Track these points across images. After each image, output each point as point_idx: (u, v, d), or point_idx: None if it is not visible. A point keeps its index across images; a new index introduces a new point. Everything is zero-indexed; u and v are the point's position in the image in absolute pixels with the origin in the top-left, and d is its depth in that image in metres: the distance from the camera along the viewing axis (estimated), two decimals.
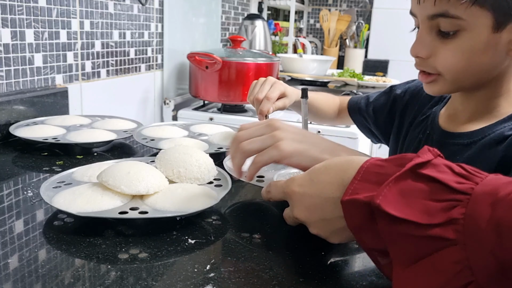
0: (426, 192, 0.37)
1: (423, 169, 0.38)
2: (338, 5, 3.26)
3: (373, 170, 0.41)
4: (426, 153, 0.40)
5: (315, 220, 0.48)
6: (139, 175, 0.59)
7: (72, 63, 1.19)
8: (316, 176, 0.48)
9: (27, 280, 0.44)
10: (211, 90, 1.55)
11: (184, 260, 0.49)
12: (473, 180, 0.37)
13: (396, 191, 0.38)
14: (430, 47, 0.62)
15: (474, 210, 0.34)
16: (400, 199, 0.37)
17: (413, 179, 0.38)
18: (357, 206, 0.40)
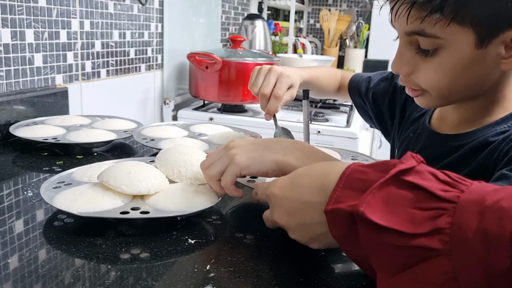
0: (410, 200, 0.36)
1: (406, 175, 0.37)
2: (338, 5, 3.26)
3: (355, 176, 0.40)
4: (409, 159, 0.39)
5: (294, 225, 0.47)
6: (140, 175, 0.59)
7: (72, 63, 1.19)
8: (297, 179, 0.47)
9: (27, 280, 0.44)
10: (211, 90, 1.55)
11: (184, 260, 0.49)
12: (459, 188, 0.36)
13: (380, 198, 0.37)
14: (411, 63, 0.60)
15: (461, 219, 0.33)
16: (384, 207, 0.36)
17: (397, 186, 0.37)
18: (341, 216, 0.39)
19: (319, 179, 0.44)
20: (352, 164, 0.42)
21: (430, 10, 0.54)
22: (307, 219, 0.45)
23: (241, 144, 0.59)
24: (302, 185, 0.46)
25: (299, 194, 0.45)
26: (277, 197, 0.48)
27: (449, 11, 0.53)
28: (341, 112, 1.71)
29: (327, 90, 1.03)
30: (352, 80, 1.00)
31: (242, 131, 1.02)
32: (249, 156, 0.56)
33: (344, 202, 0.39)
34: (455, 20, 0.54)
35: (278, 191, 0.48)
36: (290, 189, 0.47)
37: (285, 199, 0.47)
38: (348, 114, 1.64)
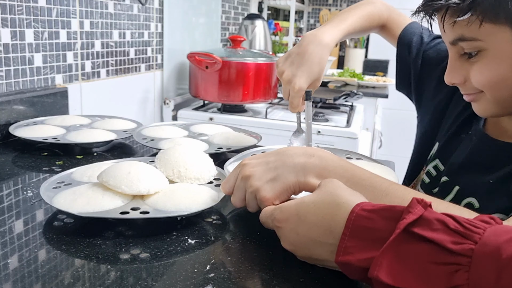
0: (423, 255, 0.36)
1: (415, 227, 0.37)
2: (338, 5, 3.26)
3: (361, 224, 0.40)
4: (416, 206, 0.38)
5: (302, 255, 0.48)
6: (140, 175, 0.59)
7: (72, 63, 1.19)
8: (304, 214, 0.47)
9: (27, 280, 0.44)
10: (211, 90, 1.55)
11: (184, 260, 0.49)
12: (471, 239, 0.35)
13: (391, 256, 0.37)
14: (461, 71, 0.61)
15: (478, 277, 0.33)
16: (397, 266, 0.36)
17: (407, 240, 0.37)
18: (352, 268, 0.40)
19: (326, 218, 0.44)
20: (355, 207, 0.42)
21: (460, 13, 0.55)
22: (315, 254, 0.46)
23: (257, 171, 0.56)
24: (309, 222, 0.46)
25: (306, 231, 0.46)
26: (284, 230, 0.48)
27: (479, 11, 0.55)
28: (341, 112, 1.71)
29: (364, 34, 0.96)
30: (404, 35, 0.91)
31: (242, 131, 1.02)
32: (273, 187, 0.55)
33: (353, 254, 0.40)
34: (488, 19, 0.55)
35: (284, 224, 0.48)
36: (297, 222, 0.47)
37: (292, 233, 0.47)
38: (348, 114, 1.63)
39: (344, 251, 0.41)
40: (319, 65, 0.81)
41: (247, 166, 0.57)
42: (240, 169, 0.58)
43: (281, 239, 0.49)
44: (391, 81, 2.40)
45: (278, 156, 0.57)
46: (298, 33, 3.32)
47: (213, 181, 0.67)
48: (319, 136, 1.45)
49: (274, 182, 0.55)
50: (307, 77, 0.81)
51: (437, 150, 0.78)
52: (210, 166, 0.69)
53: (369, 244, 0.39)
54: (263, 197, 0.55)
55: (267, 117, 1.55)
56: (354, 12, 0.90)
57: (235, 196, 0.59)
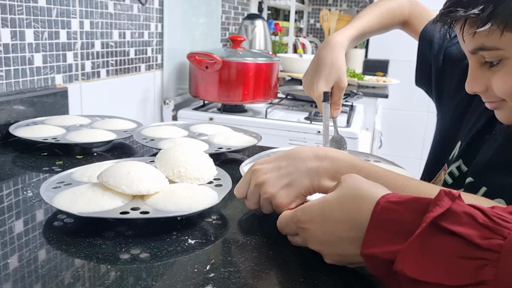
0: (449, 249, 0.35)
1: (442, 220, 0.36)
2: (338, 5, 3.26)
3: (386, 217, 0.40)
4: (443, 199, 0.38)
5: (330, 254, 0.47)
6: (140, 175, 0.59)
7: (72, 63, 1.19)
8: (328, 212, 0.46)
9: (27, 280, 0.44)
10: (211, 90, 1.55)
11: (184, 260, 0.49)
12: (500, 234, 0.35)
13: (417, 250, 0.36)
14: (483, 80, 0.61)
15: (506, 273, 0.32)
16: (422, 260, 0.36)
17: (434, 233, 0.36)
18: (377, 260, 0.39)
19: (351, 213, 0.44)
20: (381, 199, 0.41)
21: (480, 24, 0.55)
22: (343, 251, 0.46)
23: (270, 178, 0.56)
24: (335, 219, 0.45)
25: (333, 228, 0.46)
26: (309, 231, 0.48)
27: (500, 21, 0.54)
28: (341, 112, 1.71)
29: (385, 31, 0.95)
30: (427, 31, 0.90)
31: (242, 131, 1.02)
32: (288, 193, 0.55)
33: (379, 246, 0.39)
34: (509, 29, 0.54)
35: (309, 225, 0.48)
36: (322, 222, 0.47)
37: (318, 232, 0.47)
38: (348, 114, 1.63)
39: (369, 243, 0.40)
40: (334, 66, 0.83)
41: (260, 172, 0.57)
42: (252, 175, 0.58)
43: (308, 241, 0.49)
44: (391, 81, 2.40)
45: (290, 160, 0.57)
46: (298, 33, 3.32)
47: (213, 181, 0.67)
48: (319, 136, 1.45)
49: (289, 187, 0.55)
50: (325, 81, 0.82)
51: (459, 151, 0.77)
52: (210, 166, 0.69)
53: (394, 236, 0.38)
54: (279, 203, 0.55)
55: (267, 117, 1.55)
56: (372, 10, 0.91)
57: (249, 201, 0.59)
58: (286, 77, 2.27)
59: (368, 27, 0.89)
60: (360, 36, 0.89)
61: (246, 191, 0.59)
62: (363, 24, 0.88)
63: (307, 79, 0.86)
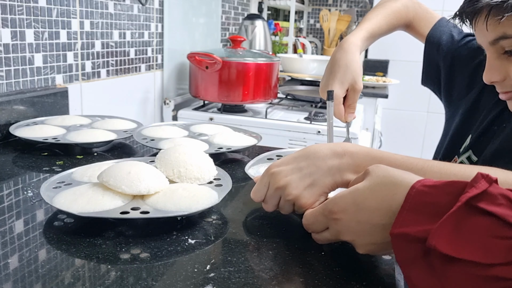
0: (484, 228, 0.35)
1: (478, 201, 0.36)
2: (338, 5, 3.26)
3: (421, 199, 0.39)
4: (479, 181, 0.38)
5: (364, 243, 0.47)
6: (140, 175, 0.59)
7: (72, 63, 1.19)
8: (361, 201, 0.46)
9: (27, 280, 0.45)
10: (211, 90, 1.55)
11: (184, 260, 0.49)
12: None
13: (451, 228, 0.36)
14: (501, 70, 0.61)
15: None
16: (456, 237, 0.36)
17: (469, 213, 0.36)
18: (408, 240, 0.39)
19: (386, 201, 0.44)
20: (416, 183, 0.41)
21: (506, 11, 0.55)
22: (378, 239, 0.45)
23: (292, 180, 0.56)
24: (368, 207, 0.45)
25: (367, 217, 0.45)
26: (342, 221, 0.48)
27: None
28: None
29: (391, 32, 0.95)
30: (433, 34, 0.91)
31: (242, 131, 1.02)
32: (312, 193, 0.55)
33: (410, 226, 0.38)
34: None
35: (342, 215, 0.48)
36: (356, 211, 0.46)
37: (352, 222, 0.47)
38: None
39: (401, 223, 0.39)
40: (349, 68, 0.82)
41: (280, 175, 0.56)
42: (271, 178, 0.57)
43: (340, 232, 0.48)
44: (391, 81, 2.40)
45: (310, 160, 0.56)
46: (298, 33, 3.32)
47: (213, 181, 0.67)
48: (319, 136, 1.45)
49: (312, 187, 0.55)
50: (340, 83, 0.82)
51: (469, 142, 0.77)
52: (210, 166, 0.69)
53: (428, 218, 0.38)
54: (304, 203, 0.55)
55: (267, 117, 1.55)
56: (379, 11, 0.91)
57: (268, 204, 0.58)
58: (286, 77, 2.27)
59: (377, 29, 0.89)
60: (371, 37, 0.90)
61: (264, 194, 0.58)
62: (372, 26, 0.89)
63: (322, 81, 0.86)
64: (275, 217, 0.62)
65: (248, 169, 0.73)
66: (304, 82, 2.17)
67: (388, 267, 0.51)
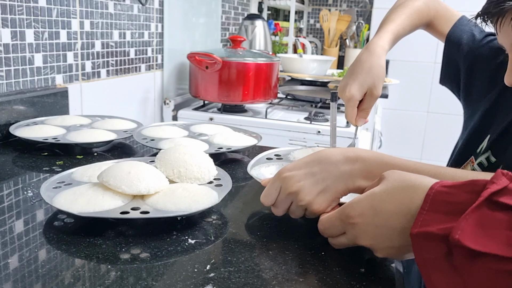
0: (506, 222, 0.35)
1: (499, 197, 0.36)
2: (338, 5, 3.26)
3: (441, 199, 0.39)
4: (500, 178, 0.38)
5: (383, 248, 0.47)
6: (140, 175, 0.59)
7: (72, 63, 1.19)
8: (379, 205, 0.46)
9: (27, 280, 0.45)
10: (211, 90, 1.55)
11: (184, 260, 0.50)
12: None
13: (474, 223, 0.36)
14: None
15: None
16: (479, 232, 0.35)
17: (491, 208, 0.36)
18: (429, 239, 0.38)
19: (404, 204, 0.43)
20: (434, 184, 0.41)
21: None
22: (396, 243, 0.45)
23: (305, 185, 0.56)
24: (386, 211, 0.45)
25: (385, 221, 0.45)
26: (361, 225, 0.47)
27: None
28: (341, 112, 1.71)
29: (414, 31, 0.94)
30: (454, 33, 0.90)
31: (242, 131, 1.02)
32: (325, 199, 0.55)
33: (432, 226, 0.38)
34: None
35: (360, 219, 0.47)
36: (374, 215, 0.46)
37: (370, 226, 0.47)
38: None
39: (421, 223, 0.39)
40: (371, 72, 0.81)
41: (292, 180, 0.56)
42: (283, 182, 0.57)
43: (358, 237, 0.48)
44: (391, 81, 2.40)
45: (322, 165, 0.56)
46: (298, 33, 3.32)
47: (213, 181, 0.67)
48: (319, 136, 1.45)
49: (325, 193, 0.55)
50: (359, 85, 0.81)
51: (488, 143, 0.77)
52: (210, 166, 0.69)
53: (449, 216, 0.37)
54: (316, 209, 0.55)
55: (267, 117, 1.55)
56: (402, 11, 0.89)
57: (278, 208, 0.58)
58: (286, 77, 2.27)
59: (402, 30, 0.88)
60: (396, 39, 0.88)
61: (275, 198, 0.58)
62: (397, 27, 0.87)
63: (342, 81, 0.84)
64: (275, 217, 0.62)
65: (250, 170, 0.73)
66: (304, 82, 2.17)
67: (388, 267, 0.51)
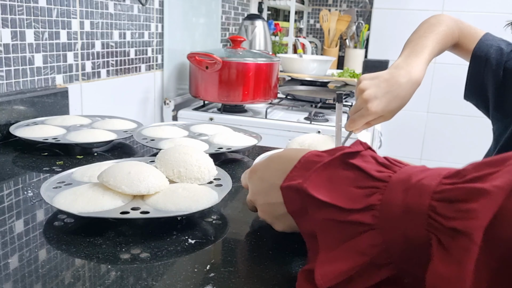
0: (350, 179, 0.39)
1: (351, 158, 0.41)
2: (338, 5, 3.26)
3: (311, 159, 0.43)
4: (357, 145, 0.42)
5: (261, 203, 0.51)
6: (140, 175, 0.59)
7: (72, 63, 1.19)
8: (270, 163, 0.50)
9: (27, 280, 0.45)
10: (211, 90, 1.55)
11: (184, 260, 0.50)
12: (392, 169, 0.39)
13: (324, 177, 0.40)
14: None
15: (389, 197, 0.36)
16: (327, 185, 0.40)
17: (341, 167, 0.40)
18: (293, 192, 0.42)
19: (286, 163, 0.47)
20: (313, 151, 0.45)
21: None
22: (272, 199, 0.49)
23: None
24: (272, 168, 0.49)
25: (268, 176, 0.50)
26: (254, 179, 0.53)
27: None
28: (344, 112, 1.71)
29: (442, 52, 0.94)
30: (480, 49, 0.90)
31: (242, 131, 1.02)
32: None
33: (295, 180, 0.42)
34: None
35: (255, 174, 0.52)
36: (263, 171, 0.51)
37: (257, 180, 0.52)
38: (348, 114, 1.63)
39: (289, 178, 0.44)
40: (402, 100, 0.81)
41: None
42: None
43: (251, 190, 0.54)
44: None
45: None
46: (298, 33, 3.32)
47: (213, 181, 0.67)
48: None
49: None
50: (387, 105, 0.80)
51: None
52: (210, 166, 0.69)
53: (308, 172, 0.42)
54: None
55: (267, 117, 1.55)
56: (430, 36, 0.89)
57: None
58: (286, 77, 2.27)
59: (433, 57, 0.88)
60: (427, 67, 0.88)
61: None
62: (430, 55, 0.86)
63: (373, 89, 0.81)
64: None
65: None
66: (304, 82, 2.17)
67: None
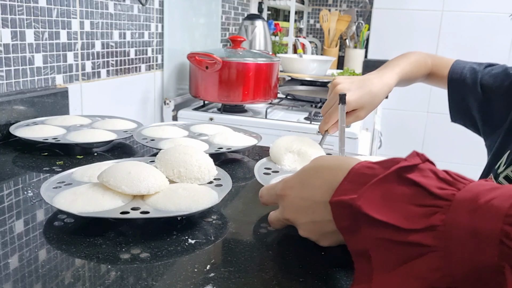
0: (408, 196, 0.37)
1: (408, 173, 0.38)
2: (338, 5, 3.26)
3: (361, 172, 0.41)
4: (414, 157, 0.39)
5: (304, 222, 0.49)
6: (140, 175, 0.59)
7: (72, 63, 1.19)
8: (306, 179, 0.48)
9: (27, 280, 0.45)
10: (211, 90, 1.55)
11: (184, 260, 0.50)
12: (456, 186, 0.36)
13: (379, 193, 0.38)
14: None
15: (453, 217, 0.34)
16: (382, 202, 0.37)
17: (397, 182, 0.38)
18: (344, 207, 0.40)
19: (328, 179, 0.45)
20: (358, 163, 0.43)
21: None
22: (317, 217, 0.46)
23: None
24: (312, 185, 0.47)
25: (310, 194, 0.47)
26: (289, 197, 0.50)
27: None
28: None
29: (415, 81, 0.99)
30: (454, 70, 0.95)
31: (242, 131, 1.02)
32: None
33: (347, 195, 0.40)
34: None
35: (289, 192, 0.50)
36: (301, 188, 0.48)
37: (296, 198, 0.49)
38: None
39: (339, 193, 0.41)
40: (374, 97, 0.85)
41: None
42: None
43: (286, 209, 0.50)
44: None
45: None
46: (298, 33, 3.32)
47: (213, 181, 0.67)
48: (319, 136, 1.44)
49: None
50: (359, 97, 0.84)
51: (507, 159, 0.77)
52: (210, 166, 0.69)
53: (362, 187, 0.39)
54: None
55: (267, 117, 1.55)
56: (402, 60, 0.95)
57: None
58: (286, 77, 2.27)
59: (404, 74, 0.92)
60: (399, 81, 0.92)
61: None
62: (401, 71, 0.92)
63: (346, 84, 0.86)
64: None
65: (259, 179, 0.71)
66: (304, 82, 2.17)
67: None
